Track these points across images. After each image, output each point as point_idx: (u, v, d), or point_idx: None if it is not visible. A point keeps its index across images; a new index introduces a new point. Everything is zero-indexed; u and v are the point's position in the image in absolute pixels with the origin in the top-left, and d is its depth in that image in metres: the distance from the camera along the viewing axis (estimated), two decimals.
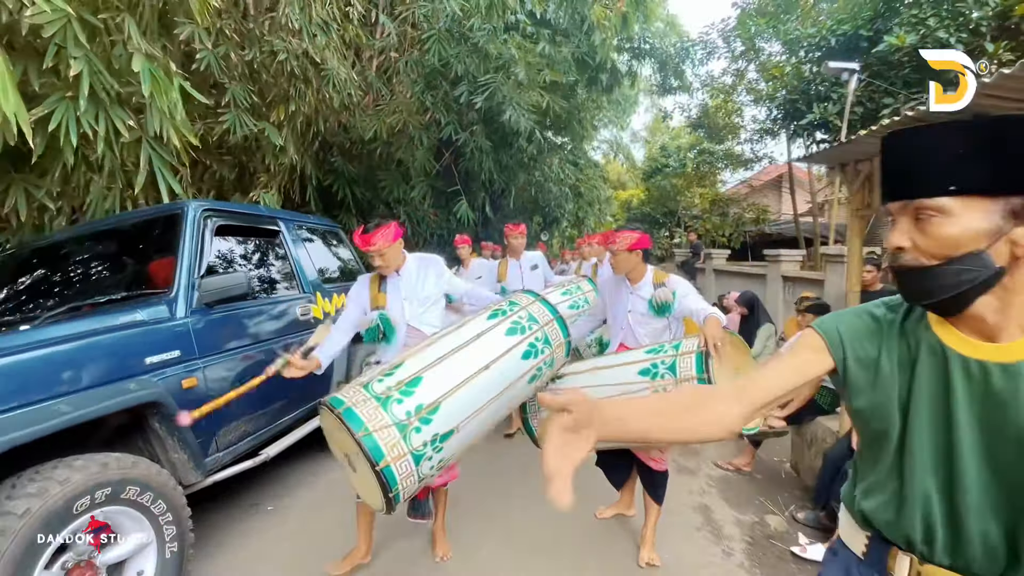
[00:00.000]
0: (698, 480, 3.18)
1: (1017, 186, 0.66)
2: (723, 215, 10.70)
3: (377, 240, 2.02)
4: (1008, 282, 0.69)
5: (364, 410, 1.53)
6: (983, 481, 0.73)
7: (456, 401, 1.64)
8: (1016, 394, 0.69)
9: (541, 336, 1.89)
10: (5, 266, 2.60)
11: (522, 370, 1.82)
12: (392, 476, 1.48)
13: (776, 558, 2.39)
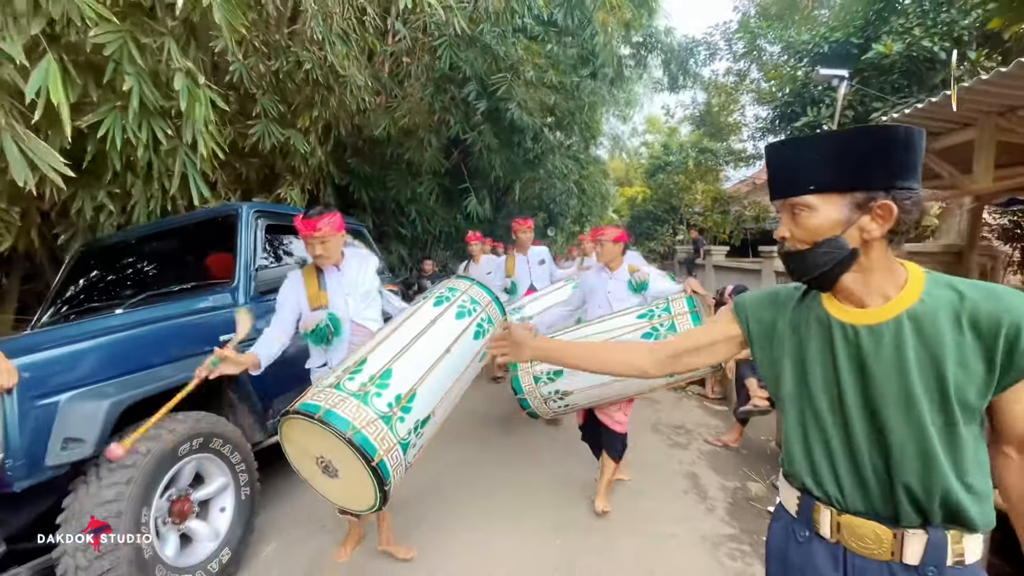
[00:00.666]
0: (689, 453, 3.58)
1: (859, 184, 0.83)
2: (724, 213, 11.05)
3: (323, 226, 1.96)
4: (864, 260, 0.86)
5: (345, 409, 1.54)
6: (871, 432, 0.86)
7: (428, 386, 1.72)
8: (879, 351, 0.85)
9: (485, 316, 2.03)
10: (82, 260, 3.02)
11: (475, 349, 1.94)
12: (386, 469, 1.53)
13: (754, 516, 2.78)
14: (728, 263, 7.78)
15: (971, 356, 0.80)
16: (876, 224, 0.83)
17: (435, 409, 1.73)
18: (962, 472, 0.81)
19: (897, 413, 0.83)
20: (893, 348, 0.84)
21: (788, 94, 6.92)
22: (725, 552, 2.40)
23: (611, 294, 2.73)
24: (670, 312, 2.33)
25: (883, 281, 0.87)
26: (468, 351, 1.91)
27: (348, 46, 5.24)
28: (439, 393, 1.75)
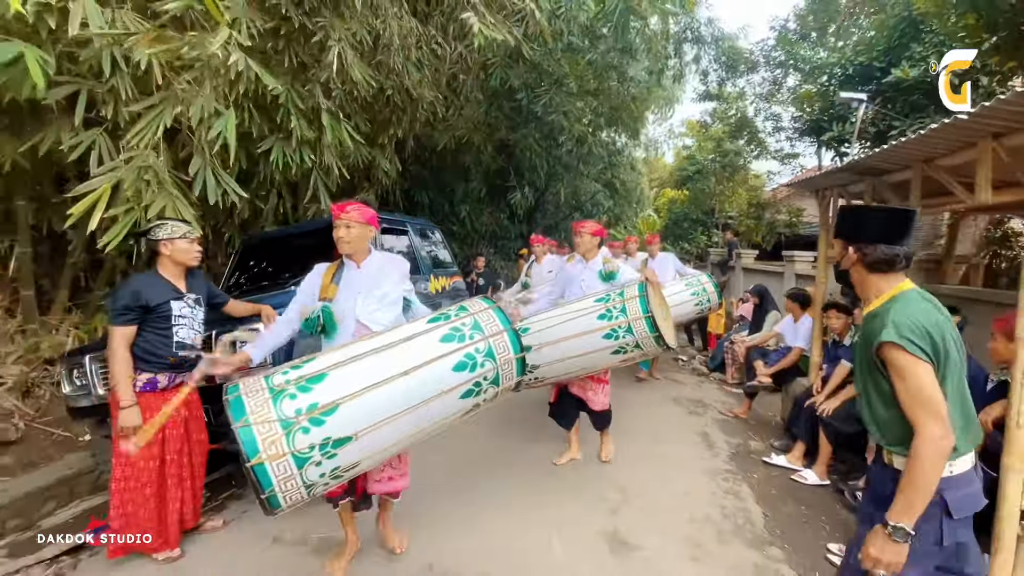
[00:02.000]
0: (703, 420, 4.45)
1: (842, 237, 1.49)
2: (758, 218, 11.62)
3: (352, 211, 2.01)
4: (853, 276, 1.48)
5: (253, 401, 1.50)
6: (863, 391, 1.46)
7: (359, 405, 1.57)
8: (866, 332, 1.39)
9: (483, 348, 1.79)
10: (249, 249, 4.16)
11: (451, 382, 1.72)
12: (266, 475, 1.44)
13: (751, 461, 3.64)
14: (756, 265, 8.49)
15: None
16: (848, 260, 1.47)
17: (361, 433, 1.55)
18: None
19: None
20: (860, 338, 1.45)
21: (816, 110, 7.58)
22: (721, 478, 3.29)
23: (584, 282, 3.16)
24: (623, 296, 2.73)
25: (866, 292, 1.47)
26: (437, 380, 1.70)
27: (421, 72, 6.30)
28: (373, 416, 1.57)
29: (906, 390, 1.27)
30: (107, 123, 3.15)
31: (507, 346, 1.85)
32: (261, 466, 1.43)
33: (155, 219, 2.73)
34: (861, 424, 2.97)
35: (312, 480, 1.52)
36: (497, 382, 1.84)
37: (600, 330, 2.70)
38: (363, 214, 2.05)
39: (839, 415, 3.28)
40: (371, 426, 1.57)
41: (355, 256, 2.08)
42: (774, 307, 5.52)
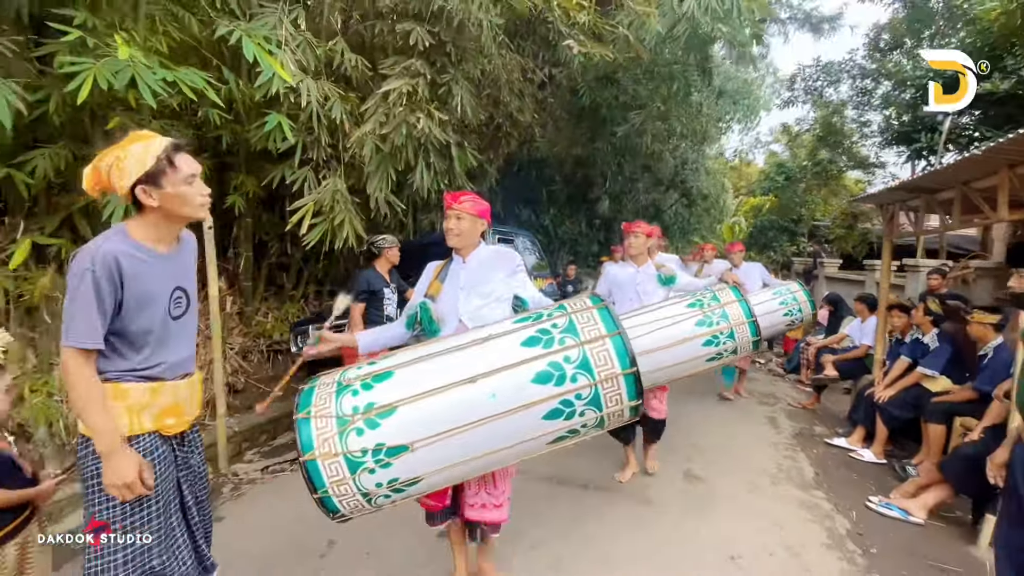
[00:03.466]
0: (772, 408, 5.09)
1: None
2: (850, 228, 11.59)
3: (465, 201, 1.93)
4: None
5: (322, 392, 1.47)
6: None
7: (417, 411, 1.43)
8: None
9: (576, 356, 1.48)
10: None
11: (529, 397, 1.45)
12: (317, 473, 1.37)
13: (812, 441, 4.28)
14: (839, 274, 8.74)
15: None
16: None
17: (416, 443, 1.40)
18: None
19: None
20: None
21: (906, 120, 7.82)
22: (783, 448, 4.01)
23: (639, 287, 3.04)
24: (719, 301, 2.65)
25: None
26: (514, 394, 1.45)
27: (522, 101, 7.45)
28: (430, 426, 1.42)
29: None
30: (312, 162, 4.52)
31: (610, 357, 1.47)
32: (313, 463, 1.38)
33: (338, 226, 4.08)
34: (915, 411, 3.63)
35: (367, 488, 1.40)
36: (597, 404, 1.48)
37: (699, 337, 2.58)
38: (476, 206, 1.95)
39: (895, 403, 3.86)
40: (429, 438, 1.41)
41: (463, 250, 1.98)
42: (848, 313, 5.98)
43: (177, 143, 1.43)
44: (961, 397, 3.42)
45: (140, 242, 1.41)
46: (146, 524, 1.39)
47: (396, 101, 4.35)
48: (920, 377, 3.77)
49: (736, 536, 2.66)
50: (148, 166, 1.34)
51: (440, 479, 1.53)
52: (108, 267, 1.31)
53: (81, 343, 1.31)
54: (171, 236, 1.49)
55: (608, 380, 1.48)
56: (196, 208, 1.47)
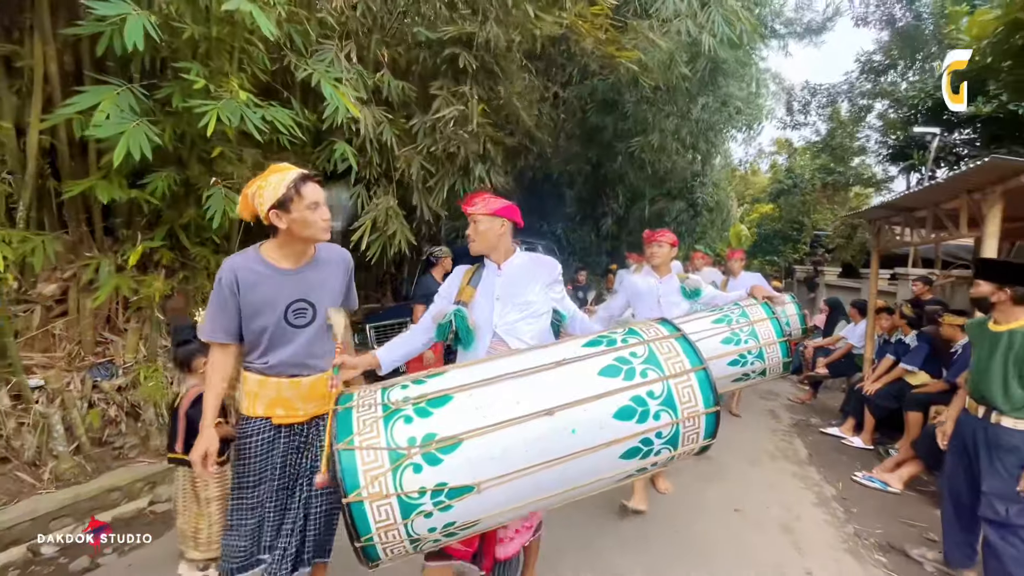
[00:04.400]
0: (772, 403, 5.68)
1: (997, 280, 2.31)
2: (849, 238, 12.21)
3: (477, 203, 1.83)
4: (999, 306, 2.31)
5: (363, 417, 1.26)
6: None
7: (486, 446, 1.24)
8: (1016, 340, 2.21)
9: (660, 391, 1.34)
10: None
11: (610, 435, 1.30)
12: (364, 518, 1.17)
13: (808, 430, 4.86)
14: (837, 282, 9.35)
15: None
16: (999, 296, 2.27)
17: (484, 484, 1.22)
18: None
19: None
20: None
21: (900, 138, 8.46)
22: (780, 434, 4.59)
23: (663, 299, 2.91)
24: (748, 318, 2.44)
25: (1008, 317, 2.27)
26: (595, 429, 1.30)
27: (540, 118, 8.10)
28: (503, 464, 1.24)
29: None
30: (365, 180, 5.15)
31: (695, 394, 1.37)
32: (359, 505, 1.17)
33: (390, 237, 4.71)
34: (898, 402, 4.21)
35: (419, 534, 1.22)
36: (675, 443, 1.37)
37: (725, 356, 2.37)
38: (488, 205, 1.83)
39: (881, 395, 4.44)
40: (500, 477, 1.24)
41: (494, 255, 1.86)
42: (844, 318, 6.57)
43: (305, 174, 1.60)
44: (936, 388, 4.01)
45: (266, 258, 1.65)
46: (245, 489, 1.70)
47: (445, 124, 5.01)
48: (902, 372, 4.36)
49: (739, 496, 3.25)
50: (280, 194, 1.53)
51: (497, 521, 1.36)
52: (228, 277, 1.61)
53: (208, 336, 1.67)
54: (296, 255, 1.66)
55: (690, 419, 1.35)
56: (317, 231, 1.63)
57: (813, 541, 2.81)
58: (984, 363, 2.35)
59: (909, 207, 4.29)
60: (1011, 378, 2.23)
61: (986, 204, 3.32)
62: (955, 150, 7.34)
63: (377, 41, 5.24)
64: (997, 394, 2.27)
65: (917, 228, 4.39)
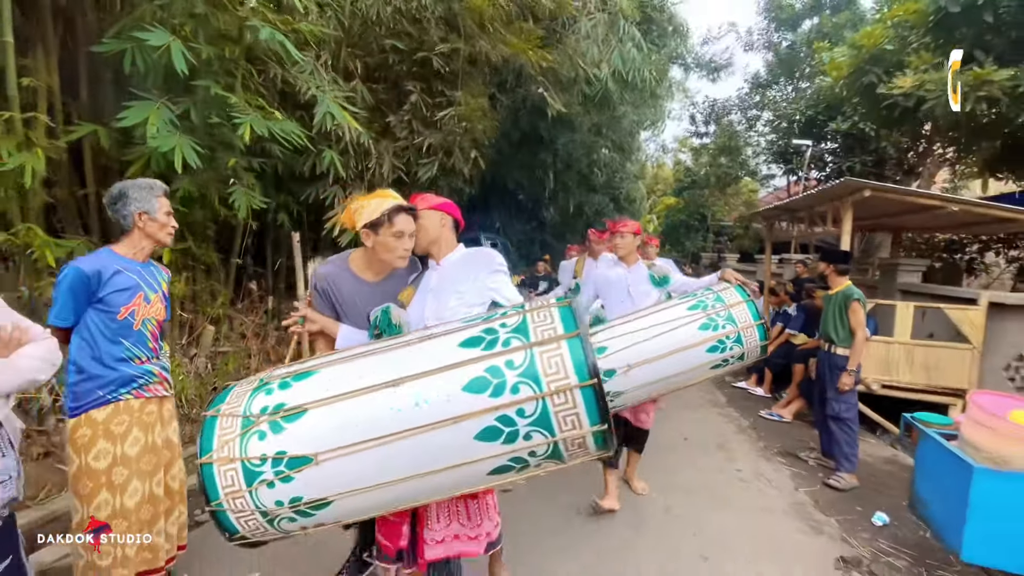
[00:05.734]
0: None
1: (828, 260, 3.73)
2: (746, 228, 14.38)
3: (417, 201, 1.84)
4: (830, 278, 3.72)
5: (240, 389, 1.33)
6: None
7: (329, 415, 1.22)
8: (839, 297, 4.62)
9: (521, 361, 1.20)
10: None
11: (458, 409, 1.18)
12: (212, 481, 1.19)
13: (724, 384, 6.18)
14: (736, 266, 11.22)
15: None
16: (830, 271, 3.67)
17: (322, 457, 1.18)
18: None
19: None
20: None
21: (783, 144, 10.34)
22: (704, 390, 5.85)
23: (632, 288, 2.89)
24: (723, 302, 2.39)
25: (834, 284, 3.60)
26: (442, 403, 1.19)
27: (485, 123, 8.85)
28: (341, 435, 1.19)
29: (856, 319, 3.33)
30: (342, 180, 5.64)
31: (564, 364, 1.18)
32: (208, 467, 1.18)
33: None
34: (787, 359, 5.62)
35: (266, 506, 1.18)
36: (546, 425, 1.18)
37: (704, 342, 2.34)
38: (427, 201, 1.86)
39: (775, 354, 5.84)
40: (337, 449, 1.17)
41: (434, 251, 1.87)
42: None
43: (400, 206, 1.74)
44: (811, 345, 5.44)
45: (351, 268, 1.87)
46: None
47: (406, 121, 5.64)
48: (788, 336, 5.80)
49: (685, 431, 4.38)
50: (374, 217, 1.71)
51: (354, 506, 1.26)
52: (318, 281, 1.87)
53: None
54: (377, 270, 1.85)
55: (559, 393, 1.17)
56: (395, 258, 1.76)
57: (739, 453, 3.99)
58: (826, 315, 3.62)
59: (792, 209, 5.71)
60: (837, 322, 3.53)
61: (842, 209, 4.71)
62: (824, 157, 9.23)
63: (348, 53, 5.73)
64: (832, 333, 3.54)
65: (798, 224, 5.84)
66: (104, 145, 3.65)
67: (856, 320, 3.44)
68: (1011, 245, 7.98)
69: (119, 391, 1.89)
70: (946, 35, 5.47)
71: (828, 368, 3.58)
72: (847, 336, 3.49)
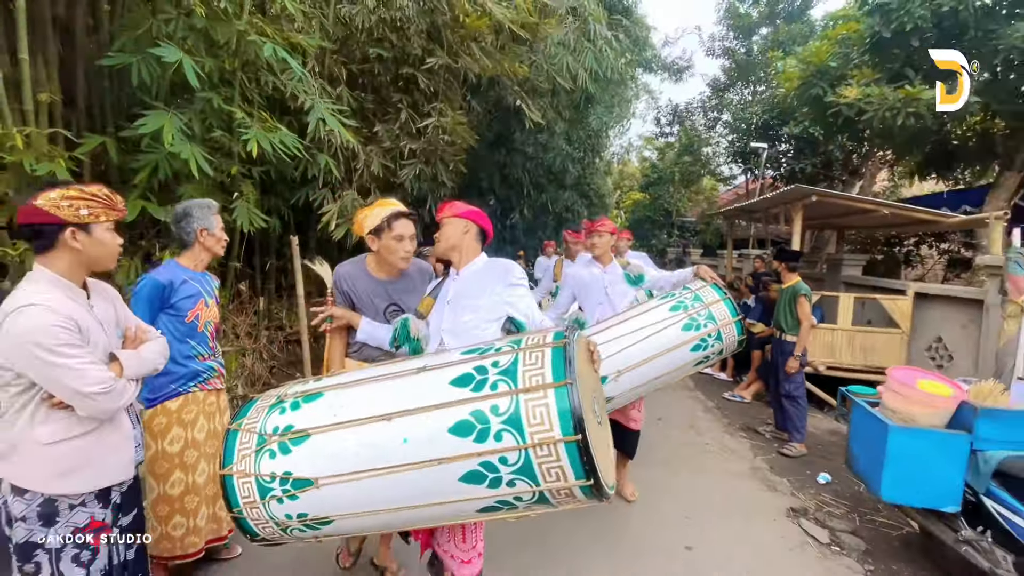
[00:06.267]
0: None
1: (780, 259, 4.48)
2: (708, 224, 15.20)
3: (445, 208, 1.91)
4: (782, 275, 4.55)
5: (260, 404, 1.44)
6: None
7: (329, 443, 1.29)
8: (790, 291, 5.02)
9: (506, 408, 1.19)
10: None
11: (443, 450, 1.20)
12: (233, 491, 1.32)
13: (713, 394, 6.76)
14: (700, 260, 11.94)
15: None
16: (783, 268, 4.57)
17: (321, 481, 1.26)
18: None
19: None
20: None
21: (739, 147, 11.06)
22: (699, 406, 6.39)
23: (609, 288, 2.87)
24: (702, 301, 2.44)
25: (785, 280, 4.46)
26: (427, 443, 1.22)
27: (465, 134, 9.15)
28: (336, 463, 1.27)
29: (803, 311, 3.99)
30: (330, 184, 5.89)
31: (549, 416, 1.15)
32: (229, 479, 1.32)
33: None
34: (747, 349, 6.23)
35: (278, 518, 1.30)
36: (530, 475, 1.17)
37: (688, 342, 2.40)
38: (454, 209, 1.88)
39: None
40: (334, 476, 1.25)
41: (455, 258, 1.89)
42: None
43: (399, 212, 1.96)
44: (768, 333, 6.06)
45: (366, 267, 2.10)
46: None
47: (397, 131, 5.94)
48: (748, 325, 6.41)
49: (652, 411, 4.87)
50: (376, 223, 1.92)
51: (354, 525, 1.37)
52: (340, 280, 2.09)
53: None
54: (385, 270, 2.06)
55: (542, 446, 1.14)
56: (397, 260, 1.97)
57: (705, 429, 4.55)
58: (778, 307, 4.21)
59: (750, 210, 6.31)
60: (787, 313, 4.11)
61: (793, 211, 5.32)
62: (779, 158, 9.98)
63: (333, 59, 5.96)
64: (783, 322, 4.13)
65: (755, 222, 6.46)
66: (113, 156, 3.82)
67: (802, 312, 4.01)
68: (942, 239, 8.93)
69: (188, 384, 2.19)
70: (881, 55, 6.17)
71: (779, 353, 4.16)
72: (795, 325, 4.06)
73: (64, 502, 1.49)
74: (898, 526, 3.03)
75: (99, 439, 1.53)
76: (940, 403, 2.50)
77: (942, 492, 2.46)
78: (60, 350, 1.37)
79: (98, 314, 1.56)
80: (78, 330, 1.43)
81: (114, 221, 1.55)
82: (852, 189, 9.84)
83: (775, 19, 12.10)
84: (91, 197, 1.48)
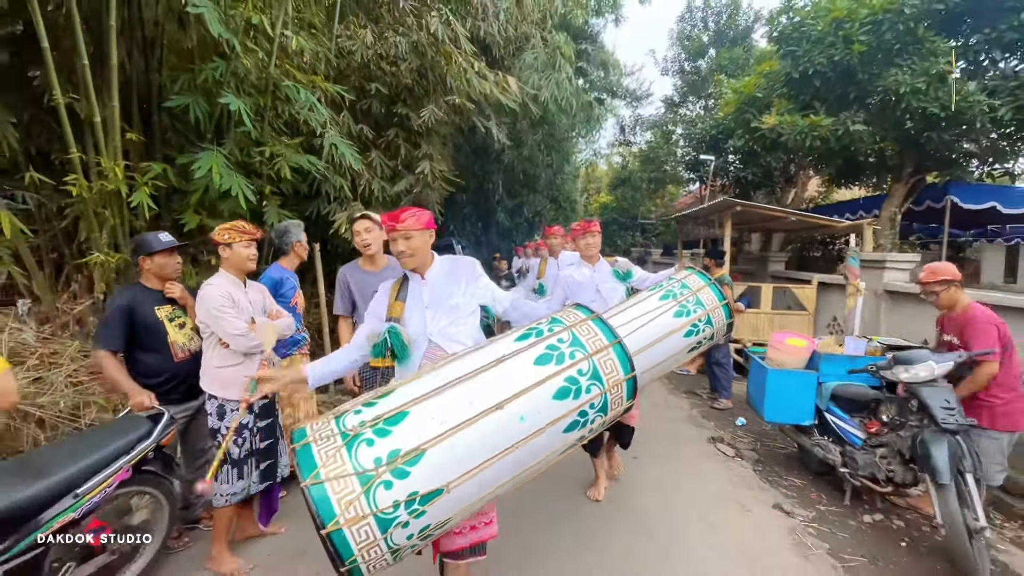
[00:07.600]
0: None
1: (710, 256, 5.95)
2: (667, 226, 16.67)
3: (407, 218, 1.87)
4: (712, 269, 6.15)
5: (324, 449, 1.37)
6: None
7: (448, 450, 1.40)
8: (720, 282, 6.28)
9: (587, 368, 1.57)
10: None
11: (552, 414, 1.51)
12: (346, 544, 1.29)
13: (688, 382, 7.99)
14: (660, 259, 13.36)
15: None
16: (712, 264, 6.13)
17: (453, 484, 1.38)
18: None
19: None
20: None
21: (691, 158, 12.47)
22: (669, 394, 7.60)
23: (601, 286, 3.11)
24: (690, 288, 2.59)
25: (713, 274, 5.90)
26: (538, 413, 1.50)
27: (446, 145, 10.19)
28: (465, 463, 1.40)
29: (727, 294, 4.53)
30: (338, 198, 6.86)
31: (615, 365, 1.61)
32: (339, 533, 1.28)
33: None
34: None
35: (398, 544, 1.35)
36: (605, 410, 1.61)
37: (681, 328, 2.48)
38: (420, 218, 1.90)
39: None
40: (464, 475, 1.39)
41: (421, 267, 1.94)
42: None
43: (357, 216, 2.96)
44: None
45: (360, 264, 2.99)
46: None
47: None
48: None
49: None
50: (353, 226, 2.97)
51: (466, 514, 1.51)
52: (341, 276, 2.96)
53: (336, 312, 3.06)
54: (372, 263, 2.96)
55: (615, 387, 1.59)
56: (363, 250, 2.94)
57: (656, 394, 5.86)
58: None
59: (695, 216, 7.62)
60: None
61: (724, 218, 6.63)
62: (727, 167, 11.44)
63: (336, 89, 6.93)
64: None
65: (701, 226, 7.77)
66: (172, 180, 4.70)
67: (727, 295, 5.27)
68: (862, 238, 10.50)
69: (292, 349, 3.21)
70: (794, 90, 7.57)
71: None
72: None
73: (229, 405, 2.54)
74: (784, 448, 4.28)
75: (244, 369, 2.54)
76: (800, 352, 3.74)
77: (802, 411, 3.69)
78: (219, 308, 2.42)
79: (249, 296, 2.63)
80: (231, 301, 2.49)
81: (248, 240, 2.58)
82: (788, 195, 11.38)
83: (723, 42, 13.64)
84: (232, 228, 2.58)
